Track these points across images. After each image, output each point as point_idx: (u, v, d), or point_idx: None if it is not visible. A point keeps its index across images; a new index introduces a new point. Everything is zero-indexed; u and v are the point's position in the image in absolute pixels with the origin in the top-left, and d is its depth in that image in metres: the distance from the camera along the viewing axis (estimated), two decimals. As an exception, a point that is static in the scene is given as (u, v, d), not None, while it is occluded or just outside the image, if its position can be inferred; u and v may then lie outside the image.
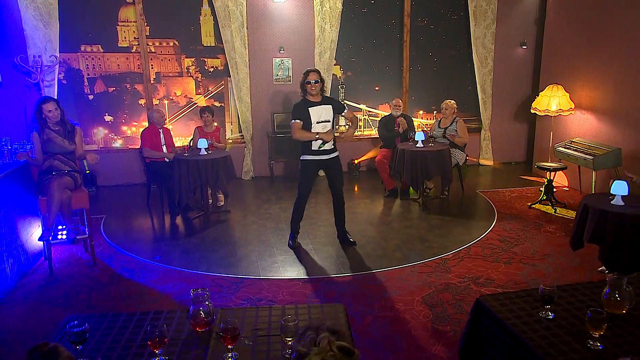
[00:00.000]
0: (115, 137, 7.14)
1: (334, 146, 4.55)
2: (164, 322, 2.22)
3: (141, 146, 5.94)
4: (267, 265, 4.37)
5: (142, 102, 7.12)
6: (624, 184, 3.68)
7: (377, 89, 7.75)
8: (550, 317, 2.19)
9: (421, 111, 7.97)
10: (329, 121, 4.45)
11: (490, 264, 4.32)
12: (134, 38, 6.93)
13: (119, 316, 2.32)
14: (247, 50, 7.05)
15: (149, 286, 4.03)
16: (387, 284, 3.97)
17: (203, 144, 5.58)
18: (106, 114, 7.05)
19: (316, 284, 4.02)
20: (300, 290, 3.91)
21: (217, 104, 7.33)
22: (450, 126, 6.31)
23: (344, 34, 7.30)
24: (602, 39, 6.00)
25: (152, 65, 7.05)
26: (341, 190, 4.67)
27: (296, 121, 4.39)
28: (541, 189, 5.89)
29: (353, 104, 7.61)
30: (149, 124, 6.04)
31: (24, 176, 4.34)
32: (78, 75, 6.87)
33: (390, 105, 6.62)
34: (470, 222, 5.43)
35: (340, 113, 4.59)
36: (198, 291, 2.18)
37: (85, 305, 3.73)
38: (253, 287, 3.96)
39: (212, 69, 7.26)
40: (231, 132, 7.50)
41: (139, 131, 6.77)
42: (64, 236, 4.48)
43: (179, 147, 6.36)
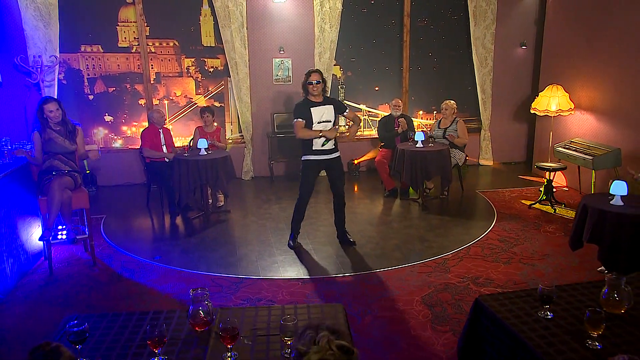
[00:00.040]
0: (115, 137, 7.15)
1: (335, 146, 4.56)
2: (164, 321, 2.23)
3: (141, 146, 5.94)
4: (267, 265, 4.37)
5: (142, 102, 7.12)
6: (623, 184, 3.68)
7: (377, 89, 7.75)
8: (549, 317, 2.20)
9: (421, 111, 7.97)
10: (330, 121, 4.46)
11: (489, 264, 4.32)
12: (134, 38, 6.93)
13: (118, 316, 2.32)
14: (247, 50, 7.05)
15: (148, 286, 4.03)
16: (386, 283, 3.98)
17: (203, 144, 5.59)
18: (106, 114, 7.05)
19: (316, 284, 4.02)
20: (300, 290, 3.91)
21: (217, 104, 7.34)
22: (450, 126, 6.31)
23: (344, 34, 7.30)
24: (602, 39, 6.00)
25: (152, 65, 7.06)
26: (342, 190, 4.67)
27: (299, 120, 4.41)
28: (541, 189, 5.89)
29: (353, 104, 7.62)
30: (149, 124, 6.04)
31: (24, 176, 4.35)
32: (78, 76, 6.87)
33: (390, 106, 6.62)
34: (469, 222, 5.43)
35: (342, 113, 4.60)
36: (197, 291, 2.18)
37: (85, 305, 3.73)
38: (253, 287, 3.97)
39: (212, 69, 7.26)
40: (231, 132, 7.51)
41: (139, 131, 6.78)
42: (64, 236, 4.48)
43: (179, 147, 6.36)
